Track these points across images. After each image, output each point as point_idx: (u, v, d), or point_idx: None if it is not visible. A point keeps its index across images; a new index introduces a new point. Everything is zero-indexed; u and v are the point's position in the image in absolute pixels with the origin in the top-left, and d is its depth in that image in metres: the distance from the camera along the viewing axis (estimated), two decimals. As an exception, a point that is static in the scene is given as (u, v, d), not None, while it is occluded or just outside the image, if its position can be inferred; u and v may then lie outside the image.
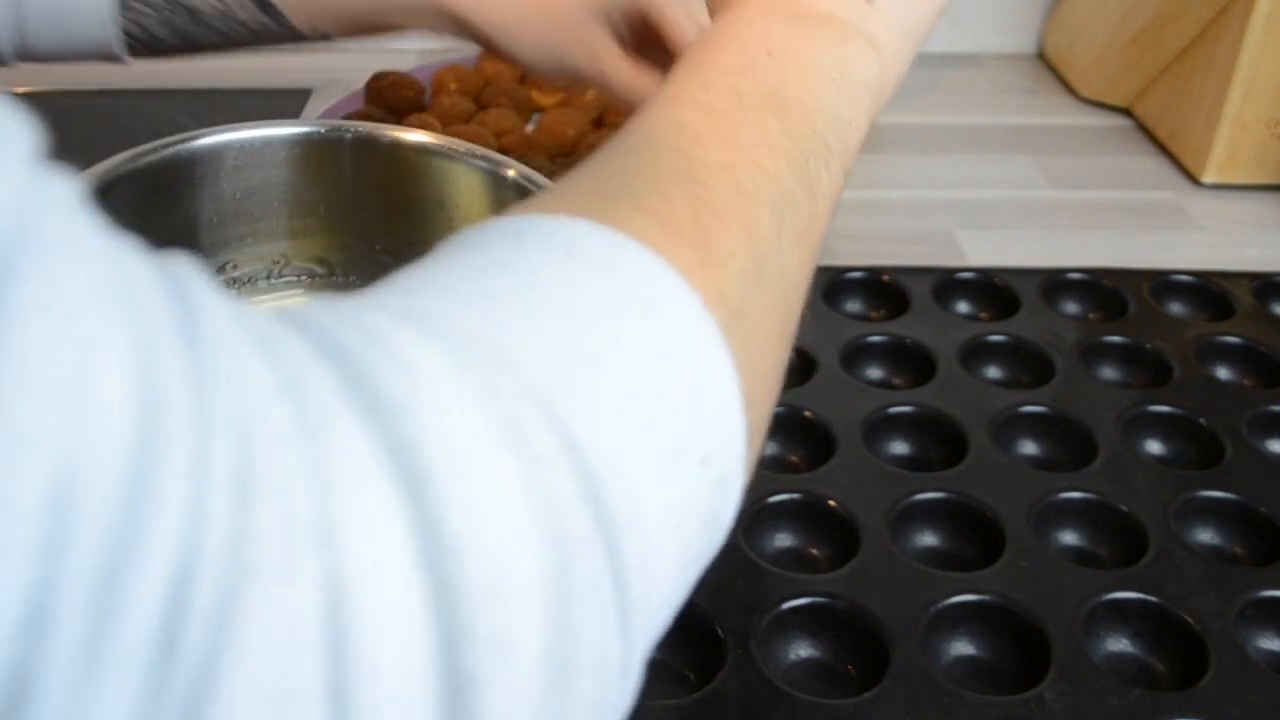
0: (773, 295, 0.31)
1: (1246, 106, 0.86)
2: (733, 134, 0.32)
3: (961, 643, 0.50)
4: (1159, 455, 0.62)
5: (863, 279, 0.74)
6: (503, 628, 0.21)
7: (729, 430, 0.27)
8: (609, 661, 0.23)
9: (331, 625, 0.19)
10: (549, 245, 0.27)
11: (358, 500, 0.20)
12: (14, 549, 0.16)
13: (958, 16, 1.12)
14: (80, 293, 0.18)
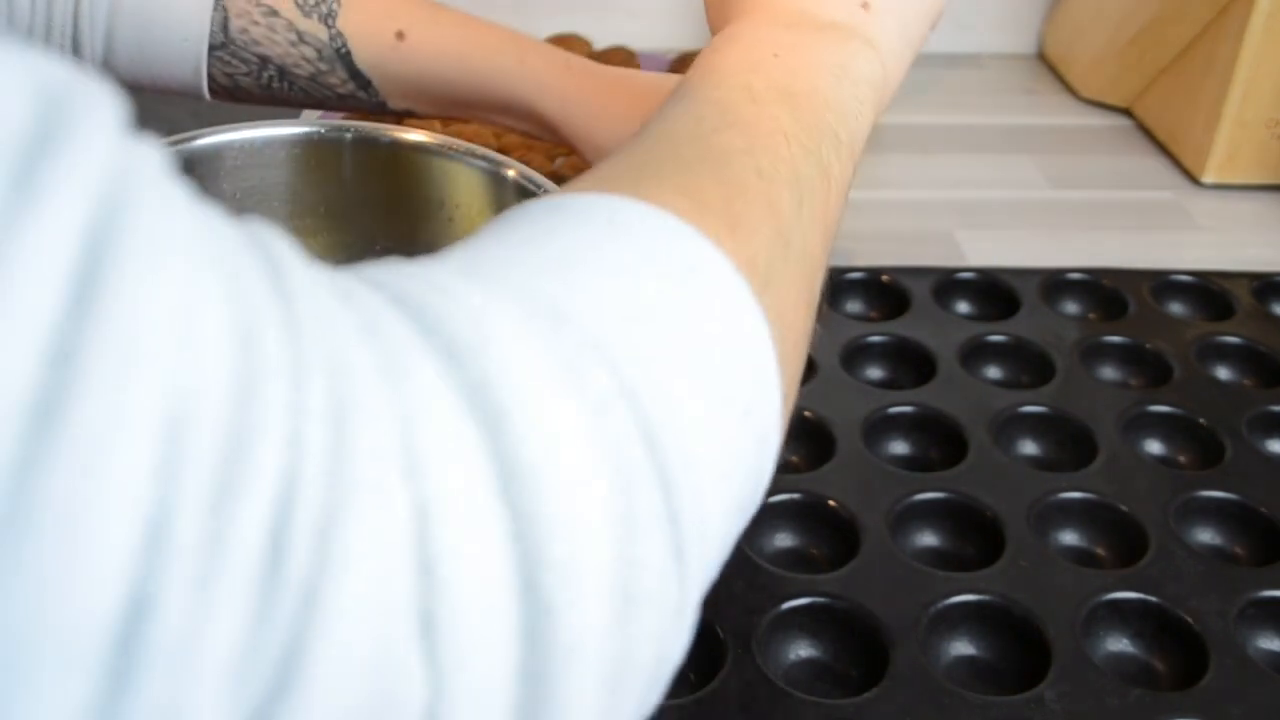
0: (796, 269, 0.32)
1: (1246, 106, 0.86)
2: (748, 123, 0.34)
3: (961, 643, 0.50)
4: (1159, 455, 0.62)
5: (863, 279, 0.74)
6: (576, 556, 0.22)
7: (767, 386, 0.29)
8: (668, 599, 0.25)
9: (422, 548, 0.20)
10: (590, 217, 0.28)
11: (439, 434, 0.21)
12: (133, 468, 0.17)
13: (958, 16, 1.12)
14: (178, 246, 0.19)
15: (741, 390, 0.28)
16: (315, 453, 0.19)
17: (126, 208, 0.18)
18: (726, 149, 0.33)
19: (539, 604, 0.22)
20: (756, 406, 0.28)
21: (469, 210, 0.60)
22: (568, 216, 0.28)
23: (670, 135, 0.34)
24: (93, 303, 0.17)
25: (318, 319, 0.21)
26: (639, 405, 0.24)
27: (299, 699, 0.19)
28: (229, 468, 0.18)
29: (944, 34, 1.11)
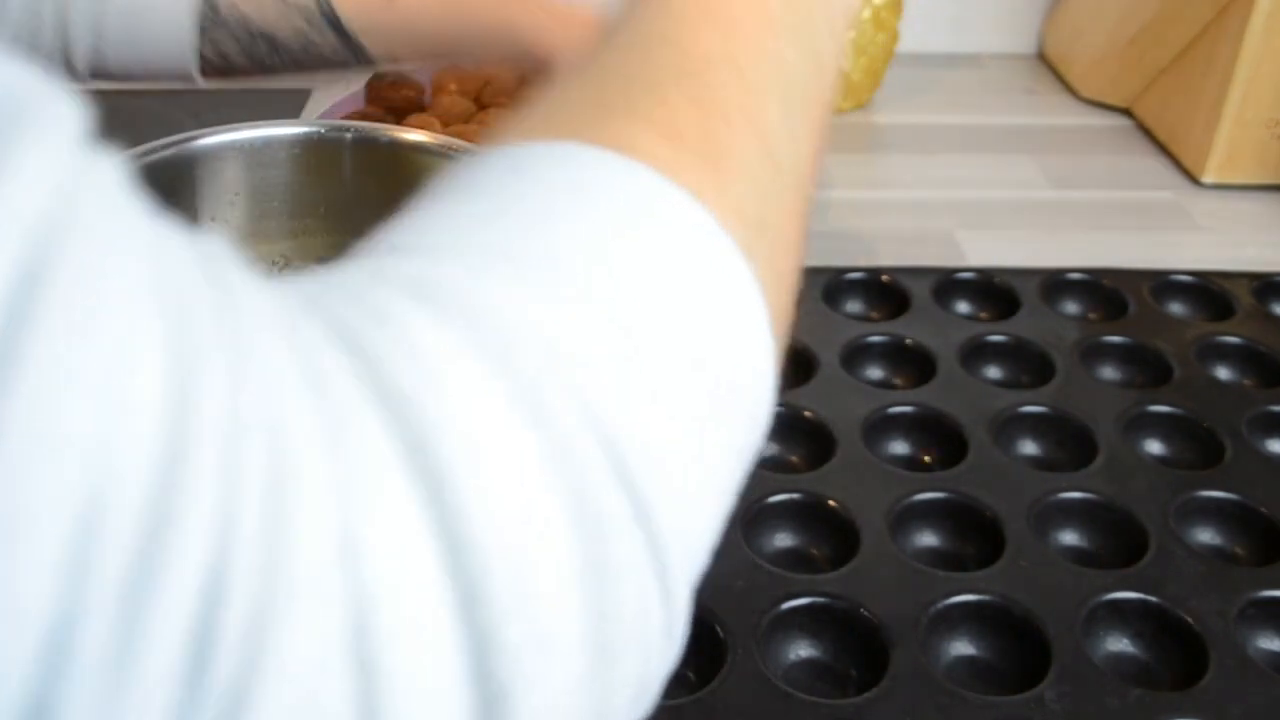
0: (788, 193, 0.30)
1: (1246, 106, 0.86)
2: (728, 13, 0.30)
3: (961, 643, 0.50)
4: (1159, 455, 0.62)
5: (863, 279, 0.74)
6: (536, 631, 0.20)
7: (758, 355, 0.26)
8: (651, 632, 0.23)
9: (360, 644, 0.18)
10: (553, 182, 0.25)
11: (380, 510, 0.19)
12: (38, 571, 0.15)
13: (958, 16, 1.12)
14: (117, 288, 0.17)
15: (731, 370, 0.25)
16: (247, 535, 0.17)
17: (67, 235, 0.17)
18: (705, 54, 0.29)
19: (492, 689, 0.20)
20: (748, 381, 0.26)
21: (469, 210, 0.60)
22: (525, 181, 0.25)
23: (641, 35, 0.30)
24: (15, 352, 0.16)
25: (263, 368, 0.19)
26: (608, 430, 0.22)
27: None
28: (149, 558, 0.16)
29: (944, 34, 1.12)
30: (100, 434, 0.16)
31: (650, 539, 0.22)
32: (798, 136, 0.30)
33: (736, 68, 0.29)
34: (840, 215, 0.84)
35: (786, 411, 0.61)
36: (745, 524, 0.53)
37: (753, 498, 0.55)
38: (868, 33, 0.97)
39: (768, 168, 0.28)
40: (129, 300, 0.17)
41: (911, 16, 1.02)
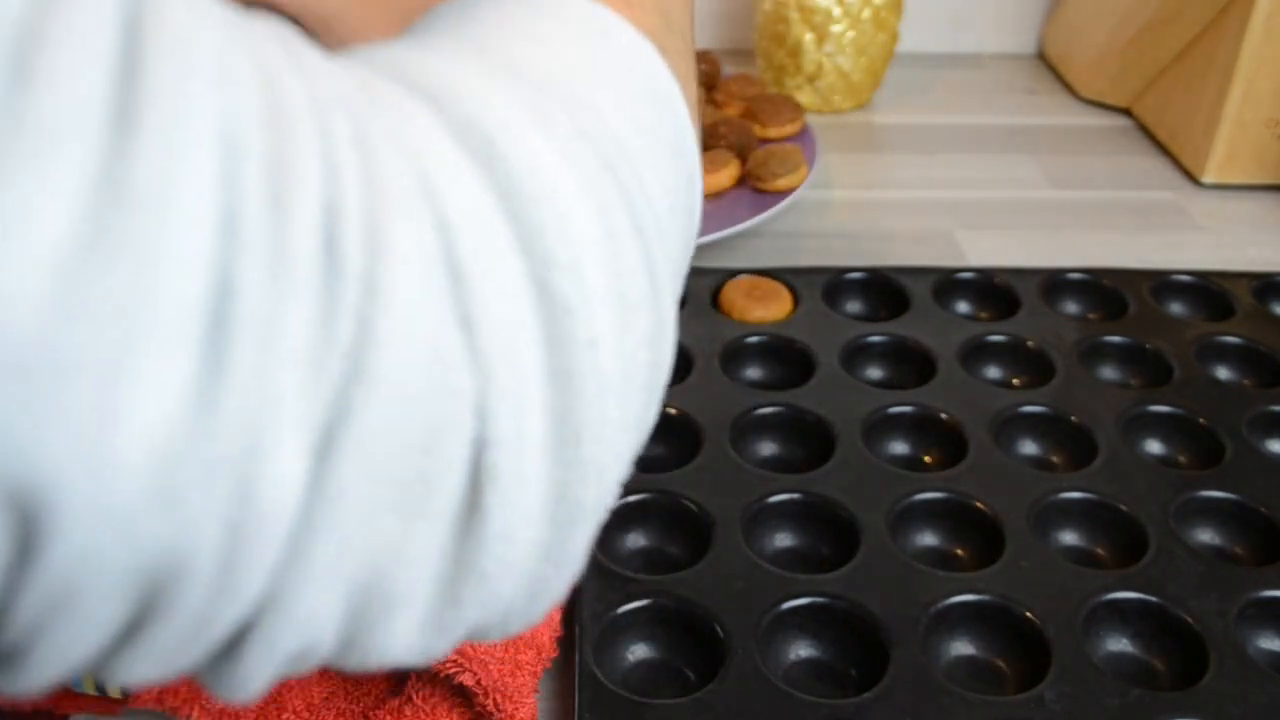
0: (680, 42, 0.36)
1: (1246, 106, 0.86)
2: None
3: (961, 643, 0.50)
4: (1159, 455, 0.62)
5: (863, 279, 0.74)
6: (579, 261, 0.25)
7: (686, 132, 0.33)
8: (652, 305, 0.28)
9: (450, 256, 0.23)
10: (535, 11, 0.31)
11: (443, 164, 0.24)
12: (200, 172, 0.19)
13: (958, 16, 1.12)
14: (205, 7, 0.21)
15: (669, 134, 0.31)
16: (349, 171, 0.22)
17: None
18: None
19: (556, 305, 0.25)
20: (683, 149, 0.32)
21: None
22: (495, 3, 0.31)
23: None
24: (143, 34, 0.19)
25: (326, 73, 0.23)
26: (595, 141, 0.27)
27: (371, 387, 0.21)
28: (279, 179, 0.20)
29: (944, 34, 1.12)
30: (221, 93, 0.20)
31: (639, 229, 0.28)
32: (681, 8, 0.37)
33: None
34: (840, 215, 0.85)
35: (786, 411, 0.61)
36: (745, 524, 0.53)
37: (753, 498, 0.55)
38: (868, 33, 0.97)
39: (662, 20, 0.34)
40: (215, 16, 0.21)
41: (911, 16, 1.02)
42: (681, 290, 0.32)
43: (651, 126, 0.30)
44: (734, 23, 1.10)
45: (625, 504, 0.54)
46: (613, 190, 0.27)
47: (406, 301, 0.22)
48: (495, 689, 0.44)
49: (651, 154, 0.30)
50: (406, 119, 0.24)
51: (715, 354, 0.65)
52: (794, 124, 0.88)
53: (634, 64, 0.31)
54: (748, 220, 0.76)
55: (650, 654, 0.49)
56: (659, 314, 0.28)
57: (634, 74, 0.31)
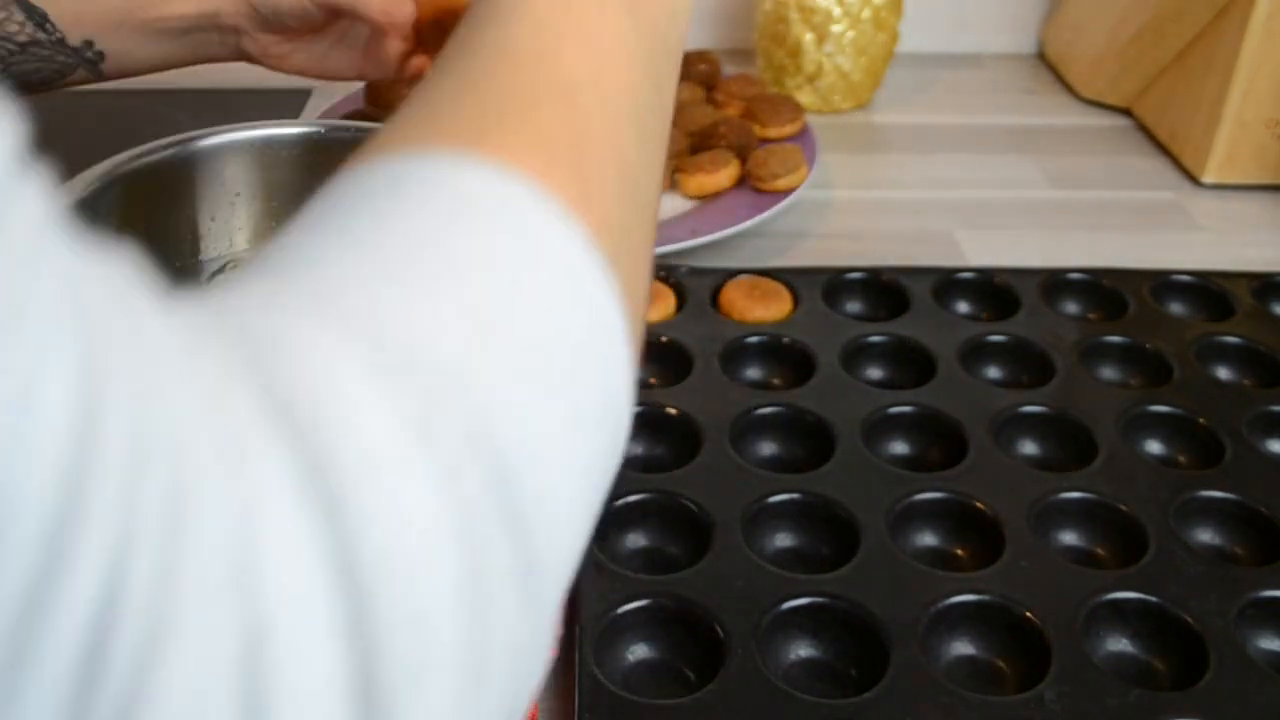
0: (643, 215, 0.31)
1: (1246, 106, 0.86)
2: (594, 37, 0.31)
3: (961, 643, 0.50)
4: (1159, 455, 0.62)
5: (863, 279, 0.74)
6: (420, 652, 0.21)
7: (620, 369, 0.27)
8: (521, 646, 0.24)
9: (249, 671, 0.19)
10: (434, 201, 0.25)
11: (275, 538, 0.19)
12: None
13: (958, 16, 1.12)
14: (34, 305, 0.17)
15: (599, 383, 0.26)
16: (143, 562, 0.18)
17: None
18: (574, 75, 0.30)
19: (377, 711, 0.20)
20: (614, 396, 0.27)
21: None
22: (407, 202, 0.25)
23: (513, 45, 0.30)
24: None
25: (165, 392, 0.19)
26: (495, 446, 0.22)
27: None
28: (44, 581, 0.17)
29: (944, 34, 1.12)
30: (6, 450, 0.16)
31: (527, 560, 0.23)
32: (647, 168, 0.32)
33: (600, 94, 0.30)
34: (840, 215, 0.84)
35: (786, 411, 0.61)
36: (745, 524, 0.53)
37: (752, 498, 0.55)
38: (868, 33, 0.97)
39: (627, 194, 0.30)
40: (45, 320, 0.17)
41: (911, 16, 1.02)
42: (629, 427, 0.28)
43: (576, 390, 0.25)
44: (734, 23, 1.10)
45: (625, 504, 0.54)
46: (498, 523, 0.22)
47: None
48: (495, 689, 0.44)
49: (568, 428, 0.25)
50: (248, 458, 0.20)
51: (715, 354, 0.65)
52: (794, 124, 0.88)
53: (572, 304, 0.26)
54: (748, 220, 0.76)
55: (650, 654, 0.49)
56: (531, 638, 0.24)
57: (568, 318, 0.25)
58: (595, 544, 0.52)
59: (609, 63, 0.31)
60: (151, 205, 0.57)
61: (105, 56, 0.60)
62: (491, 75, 0.29)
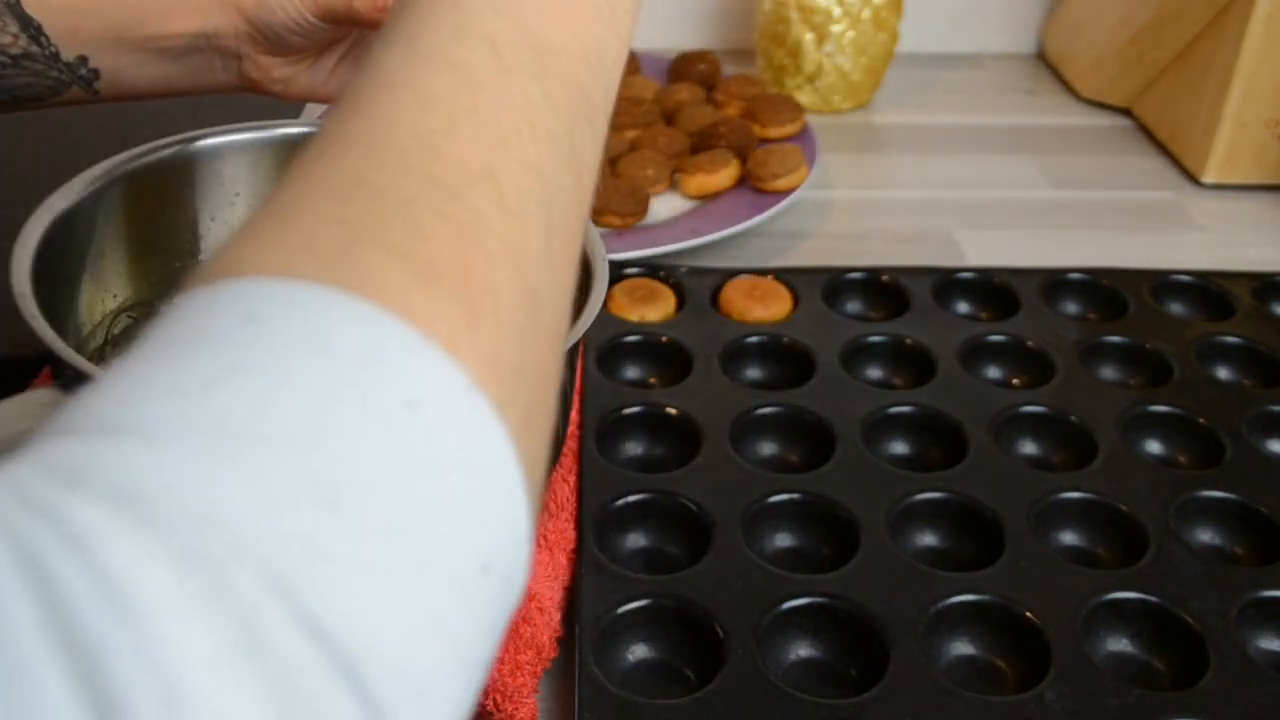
0: (546, 325, 0.27)
1: (1246, 106, 0.86)
2: (491, 113, 0.27)
3: (961, 643, 0.50)
4: (1159, 455, 0.62)
5: (863, 279, 0.74)
6: None
7: (509, 523, 0.23)
8: None
9: None
10: (288, 339, 0.22)
11: None
12: None
13: (958, 16, 1.12)
14: None
15: (478, 548, 0.23)
16: None
17: None
18: (464, 167, 0.26)
19: None
20: (497, 554, 0.23)
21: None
22: (260, 333, 0.22)
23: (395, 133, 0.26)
24: None
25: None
26: (339, 646, 0.19)
27: None
28: None
29: (944, 34, 1.12)
30: None
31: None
32: (557, 264, 0.28)
33: (497, 188, 0.26)
34: (840, 215, 0.84)
35: (786, 411, 0.61)
36: (745, 524, 0.53)
37: (752, 498, 0.55)
38: (868, 33, 0.97)
39: (527, 305, 0.26)
40: None
41: (911, 16, 1.02)
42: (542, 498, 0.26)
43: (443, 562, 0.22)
44: (734, 23, 1.10)
45: (625, 504, 0.54)
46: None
47: None
48: (495, 689, 0.44)
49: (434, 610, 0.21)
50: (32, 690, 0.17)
51: (715, 354, 0.65)
52: (794, 124, 0.88)
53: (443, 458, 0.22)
54: (748, 220, 0.76)
55: (650, 654, 0.49)
56: None
57: (437, 477, 0.22)
58: (595, 544, 0.52)
59: (510, 143, 0.27)
60: (151, 205, 0.57)
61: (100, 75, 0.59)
62: (366, 170, 0.25)
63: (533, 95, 0.28)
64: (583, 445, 0.57)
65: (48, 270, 0.48)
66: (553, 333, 0.28)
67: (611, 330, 0.66)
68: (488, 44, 0.28)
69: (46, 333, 0.43)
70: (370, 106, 0.27)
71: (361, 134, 0.26)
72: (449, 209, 0.25)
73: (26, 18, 0.56)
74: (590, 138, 0.30)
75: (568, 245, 0.29)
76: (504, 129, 0.27)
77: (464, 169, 0.26)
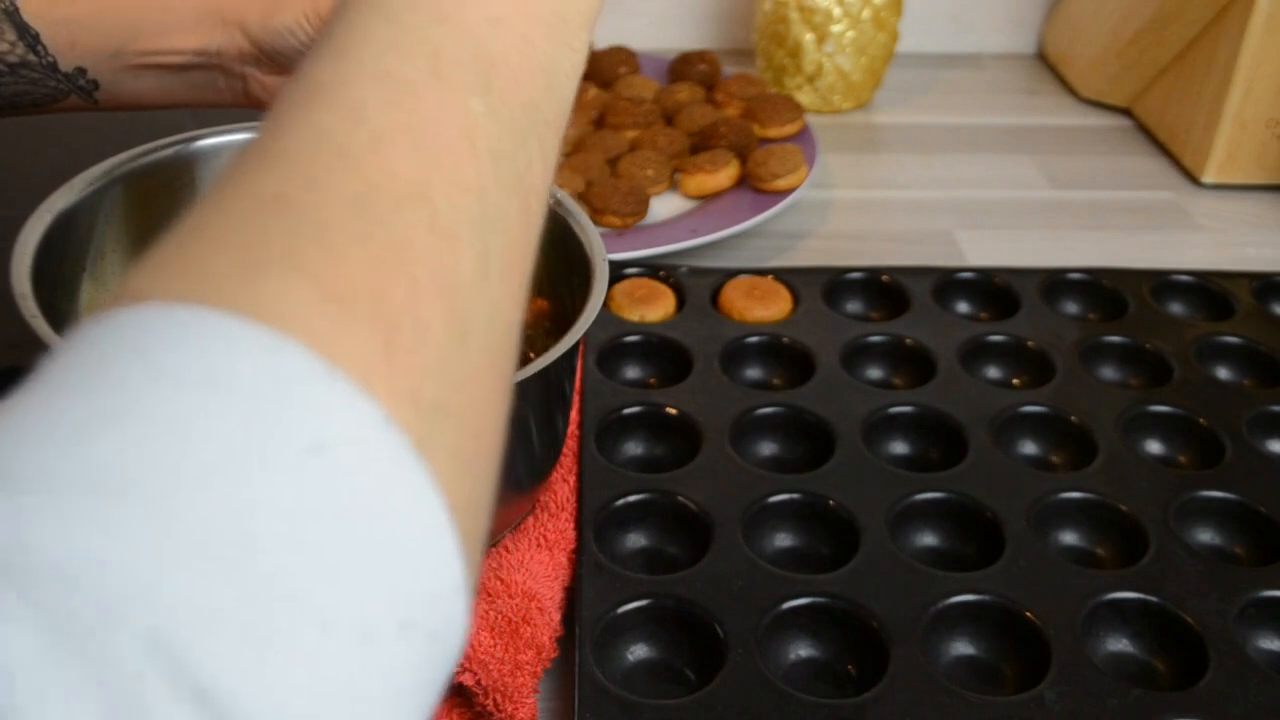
0: (481, 356, 0.25)
1: (1246, 106, 0.86)
2: (427, 128, 0.25)
3: (961, 643, 0.50)
4: (1159, 455, 0.62)
5: (863, 279, 0.74)
6: None
7: (434, 573, 0.21)
8: None
9: None
10: (179, 375, 0.20)
11: None
12: None
13: (958, 16, 1.12)
14: None
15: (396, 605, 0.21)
16: None
17: None
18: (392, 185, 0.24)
19: None
20: (421, 612, 0.21)
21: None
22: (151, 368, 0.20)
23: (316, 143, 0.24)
24: None
25: None
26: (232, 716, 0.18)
27: None
28: None
29: (944, 34, 1.12)
30: None
31: None
32: (496, 291, 0.26)
33: (428, 210, 0.24)
34: (840, 215, 0.84)
35: (786, 411, 0.61)
36: (745, 524, 0.53)
37: (752, 498, 0.55)
38: (868, 33, 0.97)
39: (456, 335, 0.24)
40: None
41: (911, 16, 1.02)
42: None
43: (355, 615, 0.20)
44: (734, 23, 1.10)
45: (625, 504, 0.54)
46: None
47: None
48: (495, 689, 0.44)
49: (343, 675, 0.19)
50: None
51: (715, 354, 0.65)
52: (794, 124, 0.88)
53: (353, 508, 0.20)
54: (748, 220, 0.76)
55: (650, 654, 0.49)
56: None
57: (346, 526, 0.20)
58: (595, 544, 0.52)
59: (445, 161, 0.25)
60: (151, 205, 0.57)
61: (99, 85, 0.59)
62: (286, 187, 0.23)
63: (474, 110, 0.26)
64: (583, 445, 0.57)
65: (48, 270, 0.48)
66: (491, 364, 0.25)
67: (611, 330, 0.66)
68: (427, 55, 0.26)
69: (46, 333, 0.43)
70: (296, 121, 0.25)
71: (285, 150, 0.24)
72: (370, 230, 0.23)
73: (24, 26, 0.56)
74: (540, 155, 0.28)
75: (511, 270, 0.27)
76: (440, 146, 0.25)
77: (392, 188, 0.24)
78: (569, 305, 0.53)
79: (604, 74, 0.95)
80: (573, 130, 0.86)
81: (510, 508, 0.51)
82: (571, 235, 0.55)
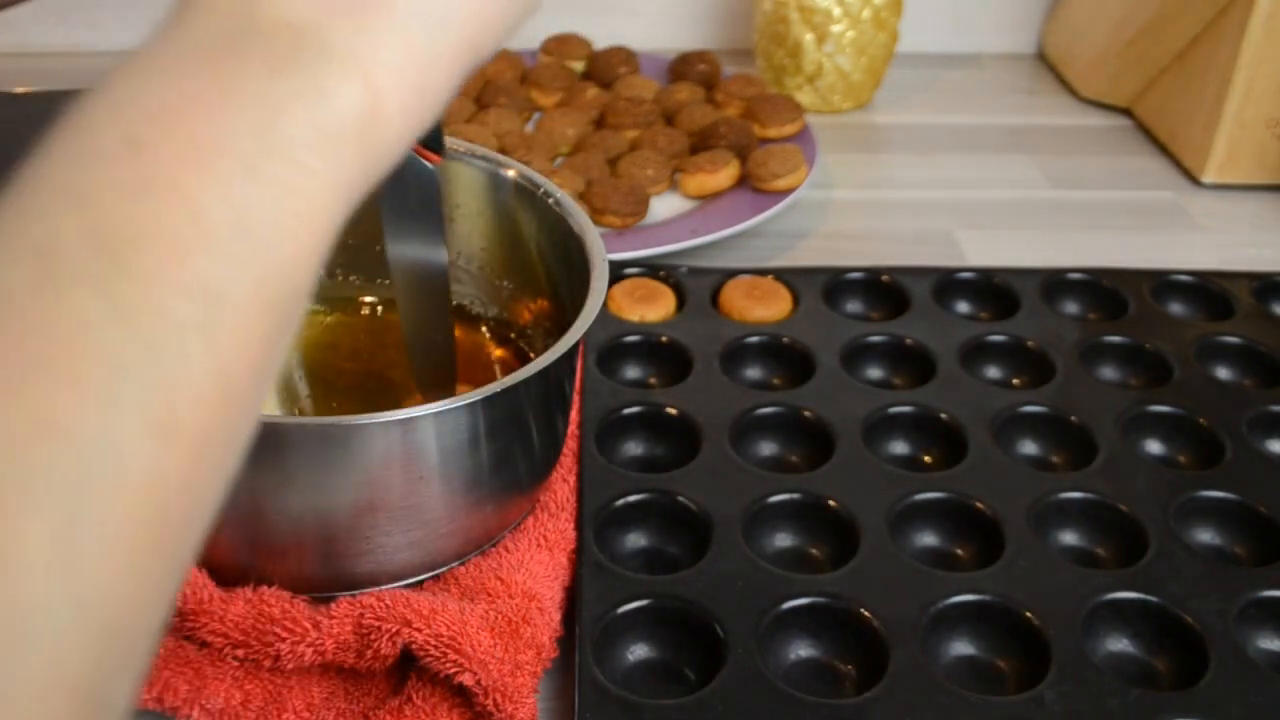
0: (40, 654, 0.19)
1: (1246, 106, 0.86)
2: (16, 343, 0.20)
3: (961, 643, 0.50)
4: (1159, 455, 0.62)
5: (863, 279, 0.74)
6: None
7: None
8: None
9: None
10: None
11: None
12: None
13: (958, 16, 1.12)
14: None
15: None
16: None
17: None
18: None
19: None
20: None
21: (469, 210, 0.60)
22: None
23: None
24: None
25: None
26: None
27: None
28: None
29: (944, 34, 1.12)
30: None
31: None
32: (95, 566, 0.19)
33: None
34: (840, 215, 0.84)
35: (786, 411, 0.61)
36: (745, 524, 0.53)
37: (753, 498, 0.55)
38: (868, 33, 0.97)
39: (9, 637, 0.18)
40: None
41: (911, 16, 1.02)
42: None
43: None
44: (734, 23, 1.10)
45: (625, 504, 0.54)
46: None
47: None
48: (495, 689, 0.44)
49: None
50: None
51: (715, 354, 0.65)
52: (794, 124, 0.88)
53: None
54: (748, 220, 0.76)
55: (650, 654, 0.49)
56: None
57: None
58: (595, 544, 0.52)
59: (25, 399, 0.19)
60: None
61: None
62: None
63: (93, 310, 0.20)
64: (583, 445, 0.57)
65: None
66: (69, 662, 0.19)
67: (611, 330, 0.66)
68: (42, 240, 0.21)
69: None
70: None
71: None
72: None
73: None
74: (204, 359, 0.21)
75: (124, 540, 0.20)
76: (26, 363, 0.19)
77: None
78: (569, 305, 0.53)
79: (604, 74, 0.95)
80: (572, 130, 0.86)
81: (510, 508, 0.51)
82: (571, 235, 0.55)
